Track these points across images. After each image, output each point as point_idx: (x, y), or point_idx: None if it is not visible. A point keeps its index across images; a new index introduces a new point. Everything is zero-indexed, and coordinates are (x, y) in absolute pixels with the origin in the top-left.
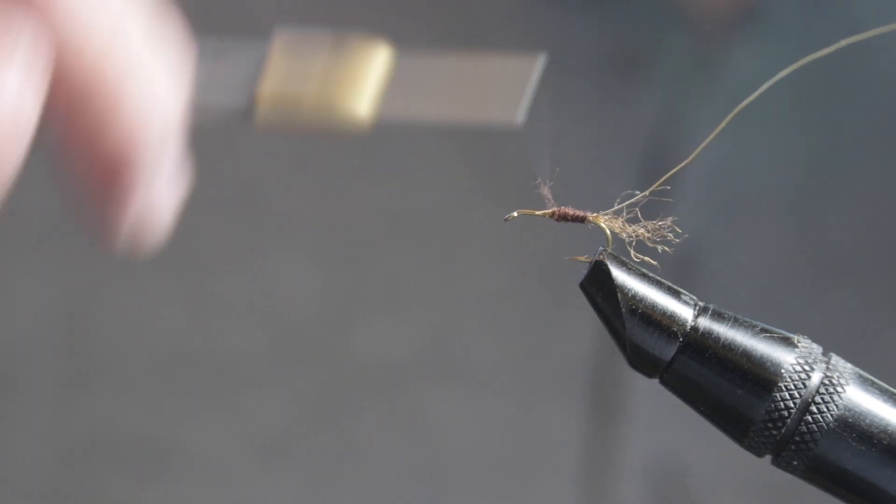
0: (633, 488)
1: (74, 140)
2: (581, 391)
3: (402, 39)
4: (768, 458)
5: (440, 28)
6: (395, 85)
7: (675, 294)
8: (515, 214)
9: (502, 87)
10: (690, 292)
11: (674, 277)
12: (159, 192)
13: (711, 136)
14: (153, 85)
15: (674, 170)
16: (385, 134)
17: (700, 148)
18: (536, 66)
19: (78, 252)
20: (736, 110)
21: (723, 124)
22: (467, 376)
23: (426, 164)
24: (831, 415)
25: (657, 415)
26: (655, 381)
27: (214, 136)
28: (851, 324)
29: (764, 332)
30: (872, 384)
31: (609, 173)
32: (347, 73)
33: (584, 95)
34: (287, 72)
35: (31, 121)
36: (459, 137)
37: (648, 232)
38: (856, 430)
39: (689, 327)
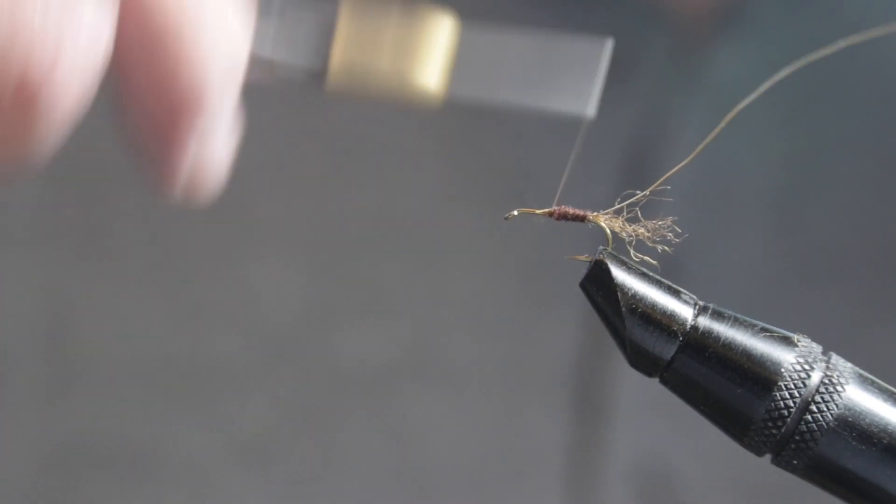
0: (618, 490)
1: (142, 79)
2: (565, 393)
3: None
4: (756, 458)
5: None
6: (462, 59)
7: (675, 293)
8: (516, 213)
9: (573, 76)
10: None
11: (661, 277)
12: (217, 139)
13: (711, 136)
14: (223, 27)
15: (674, 169)
16: (366, 137)
17: (700, 147)
18: (605, 52)
19: (61, 255)
20: (735, 111)
21: (722, 124)
22: (450, 379)
23: (409, 168)
24: (831, 414)
25: (641, 416)
26: (639, 383)
27: None
28: (838, 321)
29: (764, 332)
30: (872, 383)
31: (591, 174)
32: (418, 44)
33: None
34: (358, 38)
35: (104, 53)
36: (441, 140)
37: (648, 231)
38: (856, 429)
39: (689, 326)
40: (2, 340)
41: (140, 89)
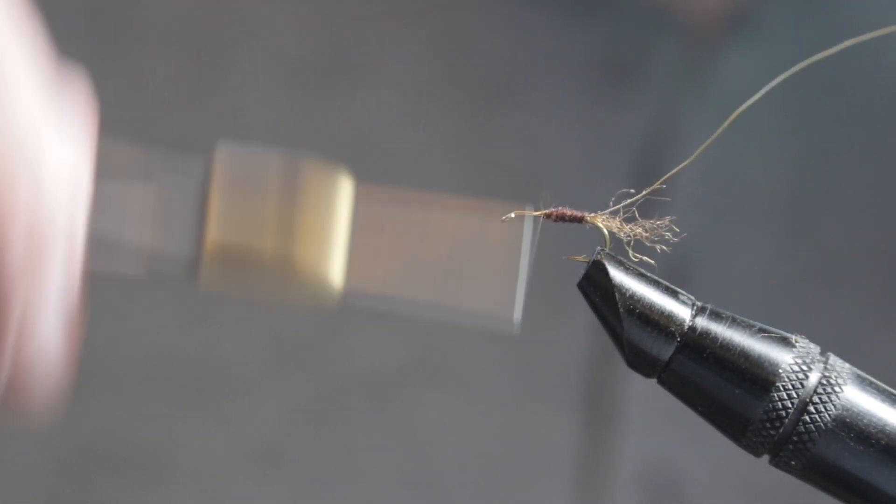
0: (627, 495)
1: None
2: (575, 398)
3: (394, 49)
4: (765, 459)
5: (431, 33)
6: (363, 237)
7: (673, 294)
8: (513, 216)
9: (493, 285)
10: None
11: (667, 280)
12: (44, 332)
13: (713, 137)
14: (44, 164)
15: (674, 170)
16: (376, 139)
17: (701, 148)
18: (524, 263)
19: None
20: (738, 111)
21: (725, 125)
22: (460, 383)
23: (418, 171)
24: (829, 415)
25: (651, 422)
26: (649, 389)
27: (198, 146)
28: (844, 326)
29: (762, 332)
30: (870, 384)
31: (601, 179)
32: (306, 215)
33: (575, 101)
34: (235, 211)
35: None
36: (451, 143)
37: (646, 231)
38: (854, 429)
39: (686, 327)
40: None
41: None
